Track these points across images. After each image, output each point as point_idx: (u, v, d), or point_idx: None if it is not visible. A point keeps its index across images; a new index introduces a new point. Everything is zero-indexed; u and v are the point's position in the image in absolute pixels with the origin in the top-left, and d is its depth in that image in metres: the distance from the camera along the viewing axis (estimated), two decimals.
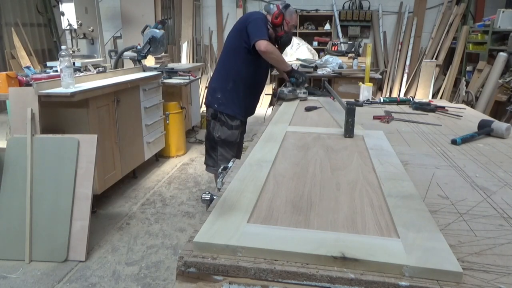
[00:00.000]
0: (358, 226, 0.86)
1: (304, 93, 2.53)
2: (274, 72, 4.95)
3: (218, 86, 2.50)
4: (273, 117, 1.99)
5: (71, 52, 4.17)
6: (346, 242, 0.77)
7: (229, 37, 2.51)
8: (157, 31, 4.02)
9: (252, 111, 2.68)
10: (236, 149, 2.60)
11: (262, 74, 2.60)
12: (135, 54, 4.18)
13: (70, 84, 2.66)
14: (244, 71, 2.45)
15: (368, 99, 2.58)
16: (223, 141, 2.51)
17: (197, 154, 4.47)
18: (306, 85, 2.65)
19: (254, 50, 2.30)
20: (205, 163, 2.78)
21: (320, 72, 4.31)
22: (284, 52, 6.04)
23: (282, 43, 2.50)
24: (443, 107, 2.31)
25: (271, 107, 2.71)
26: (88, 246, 2.41)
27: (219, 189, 1.17)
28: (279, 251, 0.74)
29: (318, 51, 6.12)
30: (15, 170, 2.44)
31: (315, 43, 6.99)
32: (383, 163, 1.26)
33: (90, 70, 4.08)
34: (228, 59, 2.48)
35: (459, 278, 0.69)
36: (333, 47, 5.61)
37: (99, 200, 3.12)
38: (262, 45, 2.24)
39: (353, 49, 5.28)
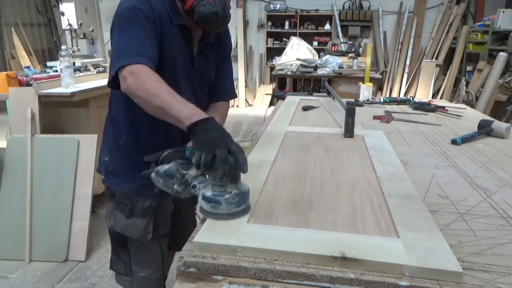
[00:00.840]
0: (358, 226, 0.86)
1: (212, 200, 0.86)
2: (274, 72, 4.96)
3: (106, 142, 1.38)
4: (273, 117, 1.99)
5: (71, 52, 4.16)
6: (346, 242, 0.77)
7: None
8: None
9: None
10: (155, 257, 1.45)
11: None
12: None
13: (70, 84, 2.66)
14: (137, 112, 1.15)
15: (368, 99, 2.58)
16: (115, 235, 1.47)
17: None
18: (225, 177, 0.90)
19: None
20: (111, 268, 1.61)
21: (320, 72, 4.31)
22: (284, 52, 6.08)
23: (198, 21, 1.19)
24: (443, 107, 2.31)
25: (271, 107, 2.68)
26: (88, 246, 2.41)
27: None
28: (279, 251, 0.74)
29: (318, 51, 6.12)
30: (15, 170, 2.44)
31: (315, 43, 6.99)
32: (383, 163, 1.26)
33: (90, 70, 4.08)
34: (113, 93, 1.32)
35: (459, 278, 0.69)
36: (333, 47, 5.62)
37: (99, 200, 3.12)
38: (121, 79, 1.07)
39: (353, 49, 5.28)
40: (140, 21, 1.11)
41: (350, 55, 5.20)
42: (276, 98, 2.68)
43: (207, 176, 0.90)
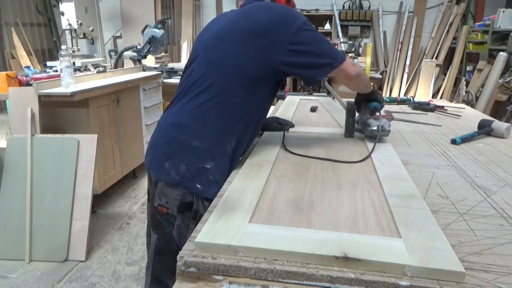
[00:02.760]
0: (360, 226, 0.86)
1: (389, 126, 1.51)
2: None
3: (210, 148, 1.26)
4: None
5: (71, 52, 4.17)
6: (347, 242, 0.77)
7: (235, 53, 1.26)
8: (157, 30, 4.02)
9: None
10: None
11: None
12: (135, 54, 4.18)
13: (70, 84, 2.66)
14: (259, 114, 1.35)
15: None
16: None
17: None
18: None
19: (282, 78, 1.34)
20: None
21: None
22: None
23: None
24: (442, 107, 2.31)
25: (271, 107, 2.67)
26: (88, 246, 2.41)
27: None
28: (281, 251, 0.74)
29: None
30: (15, 170, 2.44)
31: None
32: (384, 162, 1.26)
33: (90, 70, 4.08)
34: (237, 96, 1.27)
35: (461, 278, 0.69)
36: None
37: (99, 200, 3.12)
38: (351, 68, 1.31)
39: (353, 49, 5.28)
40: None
41: (350, 55, 5.19)
42: (276, 98, 2.68)
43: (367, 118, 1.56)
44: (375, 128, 1.47)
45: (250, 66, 1.25)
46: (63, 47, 2.79)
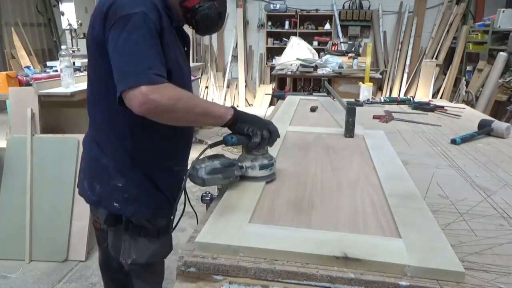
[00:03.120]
0: (360, 226, 0.86)
1: (264, 166, 1.11)
2: (274, 72, 4.96)
3: (119, 164, 1.21)
4: (273, 117, 1.99)
5: (71, 51, 4.16)
6: (347, 242, 0.77)
7: (93, 56, 1.19)
8: None
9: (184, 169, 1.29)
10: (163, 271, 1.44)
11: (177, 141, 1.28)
12: None
13: (70, 84, 2.66)
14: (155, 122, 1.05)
15: (368, 99, 2.58)
16: (144, 266, 1.27)
17: (197, 154, 4.46)
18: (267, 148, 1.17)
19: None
20: None
21: (320, 71, 4.31)
22: (284, 52, 6.08)
23: (202, 20, 1.15)
24: (442, 107, 2.31)
25: (271, 107, 2.67)
26: (88, 246, 2.41)
27: (219, 189, 1.17)
28: (281, 251, 0.74)
29: (318, 50, 6.12)
30: (15, 170, 2.44)
31: (315, 43, 6.98)
32: (384, 163, 1.26)
33: None
34: (118, 109, 1.02)
35: (461, 278, 0.69)
36: (333, 47, 5.61)
37: None
38: (134, 100, 0.94)
39: (353, 49, 5.28)
40: (151, 32, 0.99)
41: (350, 55, 5.19)
42: (276, 98, 2.68)
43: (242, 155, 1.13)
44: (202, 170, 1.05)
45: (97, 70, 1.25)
46: (63, 47, 2.79)
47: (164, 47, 1.04)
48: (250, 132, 1.07)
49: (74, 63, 3.83)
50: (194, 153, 1.23)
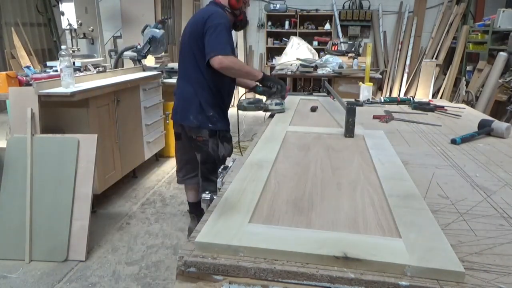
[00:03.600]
0: (360, 226, 0.86)
1: (277, 104, 2.07)
2: (274, 72, 4.96)
3: (204, 98, 2.12)
4: (273, 117, 1.99)
5: (71, 51, 4.17)
6: (348, 242, 0.77)
7: (190, 44, 2.10)
8: (157, 30, 4.02)
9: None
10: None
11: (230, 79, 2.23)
12: (135, 54, 4.17)
13: (70, 84, 2.66)
14: (223, 78, 2.10)
15: (368, 99, 2.58)
16: (224, 159, 2.16)
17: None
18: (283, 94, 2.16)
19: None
20: (204, 191, 2.26)
21: (320, 71, 4.31)
22: (284, 52, 6.08)
23: (242, 26, 2.28)
24: (442, 107, 2.31)
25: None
26: (88, 246, 2.41)
27: (219, 189, 1.17)
28: (281, 251, 0.74)
29: (318, 50, 6.12)
30: (15, 170, 2.44)
31: (315, 43, 6.99)
32: (384, 162, 1.26)
33: (90, 70, 4.08)
34: (204, 65, 2.04)
35: (461, 278, 0.69)
36: (333, 47, 5.62)
37: (99, 200, 3.13)
38: (225, 61, 1.92)
39: (353, 49, 5.28)
40: (228, 30, 2.03)
41: (350, 55, 5.19)
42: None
43: (266, 98, 2.15)
44: (245, 104, 2.14)
45: (196, 51, 2.10)
46: (63, 47, 2.79)
47: (232, 39, 2.04)
48: (271, 86, 2.14)
49: (74, 63, 3.83)
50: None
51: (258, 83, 2.18)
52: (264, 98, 2.19)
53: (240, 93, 5.75)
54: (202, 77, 2.08)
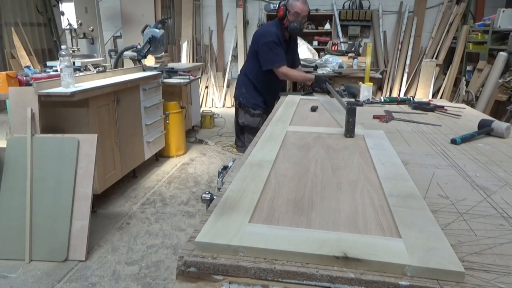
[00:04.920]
0: (360, 226, 0.86)
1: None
2: None
3: (244, 83, 2.93)
4: (273, 117, 1.99)
5: (71, 51, 4.16)
6: (348, 242, 0.77)
7: (251, 48, 2.87)
8: (157, 30, 4.02)
9: (272, 103, 2.94)
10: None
11: (277, 78, 2.86)
12: (135, 54, 4.18)
13: (70, 84, 2.66)
14: (262, 77, 2.85)
15: (368, 99, 2.58)
16: (246, 126, 2.92)
17: (197, 154, 4.47)
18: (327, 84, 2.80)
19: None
20: (235, 144, 3.28)
21: (320, 71, 4.31)
22: None
23: (290, 32, 2.74)
24: (442, 107, 2.31)
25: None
26: (88, 245, 2.41)
27: (219, 189, 1.17)
28: (281, 251, 0.74)
29: (318, 50, 6.12)
30: (15, 170, 2.44)
31: (315, 43, 6.99)
32: (384, 162, 1.26)
33: (90, 70, 4.08)
34: (252, 65, 2.87)
35: (461, 278, 0.69)
36: (333, 47, 5.61)
37: (99, 200, 3.13)
38: (279, 72, 2.72)
39: (353, 49, 5.28)
40: (272, 47, 2.69)
41: (350, 54, 5.19)
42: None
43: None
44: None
45: (252, 55, 2.86)
46: (63, 47, 2.79)
47: (283, 50, 2.76)
48: (322, 85, 2.77)
49: (74, 63, 3.83)
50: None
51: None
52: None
53: None
54: (252, 69, 2.88)
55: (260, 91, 2.92)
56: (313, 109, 2.20)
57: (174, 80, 4.30)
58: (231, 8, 7.22)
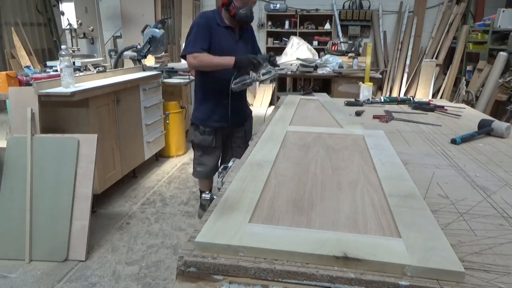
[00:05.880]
0: (360, 226, 0.86)
1: (265, 74, 2.17)
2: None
3: (196, 97, 2.54)
4: (273, 117, 1.99)
5: (71, 51, 4.16)
6: (347, 242, 0.77)
7: None
8: (157, 30, 4.02)
9: (236, 116, 2.47)
10: (216, 153, 2.58)
11: (228, 77, 2.27)
12: (135, 54, 4.17)
13: (70, 84, 2.66)
14: (205, 78, 2.40)
15: (368, 99, 2.58)
16: (197, 144, 2.54)
17: None
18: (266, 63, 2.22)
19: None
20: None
21: (320, 71, 4.31)
22: (284, 51, 6.08)
23: (238, 20, 2.29)
24: (442, 107, 2.31)
25: (271, 106, 2.69)
26: (88, 245, 2.41)
27: (219, 189, 1.17)
28: (281, 251, 0.74)
29: (318, 50, 6.12)
30: (15, 170, 2.44)
31: (315, 43, 6.99)
32: (384, 162, 1.26)
33: (90, 70, 4.08)
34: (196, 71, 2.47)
35: (461, 278, 0.69)
36: (333, 47, 5.62)
37: (99, 200, 3.12)
38: (189, 62, 2.24)
39: (353, 49, 5.28)
40: (198, 30, 2.24)
41: (350, 54, 5.19)
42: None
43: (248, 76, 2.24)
44: (233, 86, 2.23)
45: None
46: (63, 47, 2.78)
47: (210, 36, 2.25)
48: (247, 65, 2.19)
49: (74, 63, 3.83)
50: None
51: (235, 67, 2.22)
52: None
53: None
54: (196, 75, 2.50)
55: (211, 101, 2.41)
56: (358, 113, 2.17)
57: (174, 80, 4.30)
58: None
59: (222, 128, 2.49)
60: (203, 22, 2.26)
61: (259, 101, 7.13)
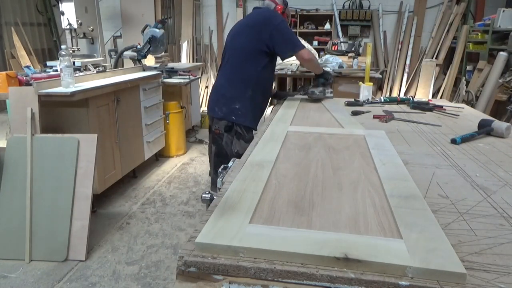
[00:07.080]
0: (361, 227, 0.86)
1: (331, 92, 2.58)
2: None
3: (236, 96, 2.27)
4: (274, 117, 1.99)
5: (71, 51, 4.16)
6: (348, 243, 0.77)
7: (243, 40, 2.29)
8: (157, 30, 4.02)
9: (261, 117, 2.52)
10: None
11: (273, 77, 2.48)
12: (135, 54, 4.17)
13: (70, 84, 2.66)
14: (264, 76, 2.33)
15: (368, 99, 2.57)
16: (239, 156, 2.34)
17: (197, 154, 4.47)
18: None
19: (273, 54, 2.31)
20: (213, 184, 2.48)
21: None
22: None
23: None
24: (441, 107, 2.31)
25: (271, 106, 2.68)
26: (88, 245, 2.41)
27: (219, 189, 1.17)
28: (281, 251, 0.74)
29: (318, 50, 6.11)
30: (15, 169, 2.44)
31: (315, 43, 6.98)
32: (385, 163, 1.26)
33: (90, 70, 4.08)
34: (246, 65, 2.27)
35: (462, 279, 0.69)
36: (333, 47, 5.61)
37: (99, 200, 3.12)
38: (306, 55, 2.28)
39: (353, 49, 5.27)
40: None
41: (350, 54, 5.19)
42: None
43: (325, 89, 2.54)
44: (317, 92, 2.51)
45: (249, 45, 2.27)
46: (63, 46, 2.79)
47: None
48: (327, 78, 2.49)
49: (74, 62, 3.83)
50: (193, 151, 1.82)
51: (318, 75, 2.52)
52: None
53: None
54: (249, 70, 2.29)
55: (259, 100, 2.36)
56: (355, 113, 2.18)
57: (174, 80, 4.30)
58: (231, 8, 7.21)
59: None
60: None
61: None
